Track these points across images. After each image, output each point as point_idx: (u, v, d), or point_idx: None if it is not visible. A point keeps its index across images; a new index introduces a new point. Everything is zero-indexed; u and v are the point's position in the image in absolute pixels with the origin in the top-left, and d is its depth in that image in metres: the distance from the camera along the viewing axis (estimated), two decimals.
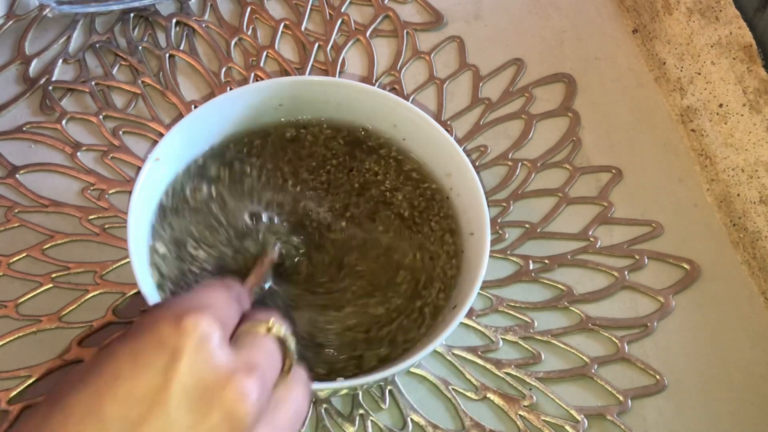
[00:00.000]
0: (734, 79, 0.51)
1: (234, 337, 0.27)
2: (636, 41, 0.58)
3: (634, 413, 0.43)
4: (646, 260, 0.48)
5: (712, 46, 0.52)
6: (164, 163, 0.40)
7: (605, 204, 0.50)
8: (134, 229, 0.37)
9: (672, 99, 0.55)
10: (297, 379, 0.29)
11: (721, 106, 0.51)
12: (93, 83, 0.52)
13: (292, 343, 0.28)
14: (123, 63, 0.54)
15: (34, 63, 0.53)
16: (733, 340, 0.46)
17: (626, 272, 0.47)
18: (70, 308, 0.44)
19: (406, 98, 0.53)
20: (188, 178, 0.41)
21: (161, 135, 0.50)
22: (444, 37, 0.57)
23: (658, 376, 0.44)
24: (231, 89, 0.52)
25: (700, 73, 0.53)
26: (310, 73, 0.54)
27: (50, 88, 0.51)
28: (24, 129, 0.50)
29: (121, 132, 0.50)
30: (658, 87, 0.56)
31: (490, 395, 0.43)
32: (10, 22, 0.55)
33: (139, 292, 0.40)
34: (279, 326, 0.28)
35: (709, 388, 0.44)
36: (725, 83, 0.51)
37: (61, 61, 0.53)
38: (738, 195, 0.49)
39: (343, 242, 0.41)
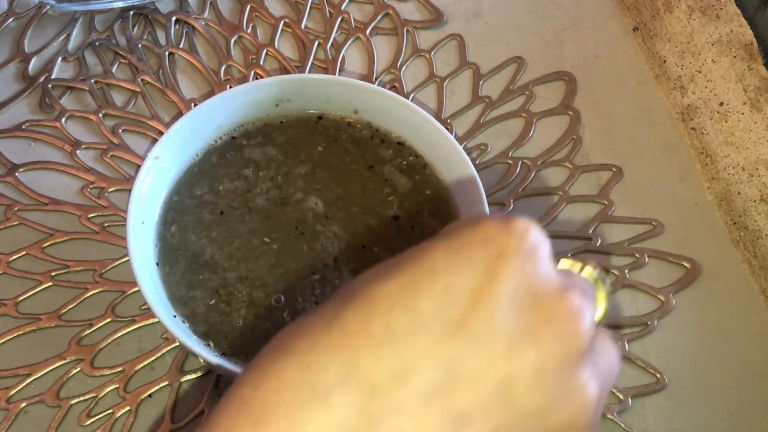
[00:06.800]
0: (735, 77, 0.51)
1: None
2: (636, 39, 0.58)
3: (635, 412, 0.43)
4: (647, 258, 0.48)
5: (712, 44, 0.52)
6: (164, 161, 0.40)
7: (605, 202, 0.50)
8: (134, 227, 0.37)
9: (672, 97, 0.55)
10: (608, 333, 0.25)
11: (721, 104, 0.51)
12: (92, 81, 0.52)
13: (607, 287, 0.25)
14: (122, 61, 0.53)
15: (33, 61, 0.53)
16: (733, 338, 0.46)
17: (626, 270, 0.47)
18: (70, 306, 0.44)
19: (406, 96, 0.53)
20: (189, 176, 0.42)
21: (161, 133, 0.50)
22: (444, 36, 0.57)
23: (658, 375, 0.44)
24: (231, 87, 0.52)
25: (700, 72, 0.53)
26: (310, 71, 0.54)
27: (50, 86, 0.51)
28: (23, 127, 0.50)
29: (120, 130, 0.50)
30: (658, 85, 0.56)
31: None
32: (10, 20, 0.55)
33: (138, 291, 0.40)
34: (594, 269, 0.25)
35: (709, 387, 0.44)
36: (726, 81, 0.51)
37: (60, 59, 0.53)
38: (738, 193, 0.49)
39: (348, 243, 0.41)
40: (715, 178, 0.51)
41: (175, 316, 0.37)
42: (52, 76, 0.52)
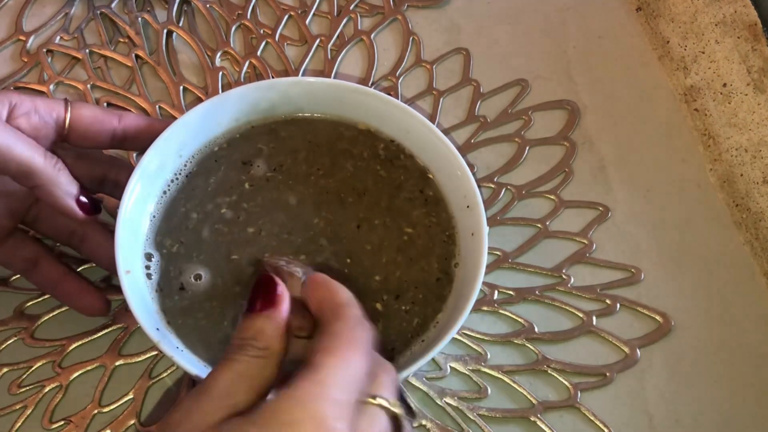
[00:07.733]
0: (738, 58, 0.50)
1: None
2: (640, 19, 0.57)
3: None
4: (618, 307, 0.45)
5: (716, 25, 0.51)
6: (153, 173, 0.39)
7: (585, 242, 0.48)
8: (123, 277, 0.36)
9: (675, 78, 0.54)
10: None
11: (724, 85, 0.50)
12: (87, 51, 0.52)
13: (406, 426, 0.29)
14: (121, 39, 0.53)
15: (32, 39, 0.53)
16: (734, 320, 0.45)
17: (594, 316, 0.45)
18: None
19: None
20: (178, 188, 0.41)
21: (144, 111, 0.49)
22: (450, 48, 0.55)
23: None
24: (222, 75, 0.51)
25: (704, 52, 0.52)
26: (306, 69, 0.53)
27: (44, 50, 0.51)
28: (12, 88, 0.50)
29: (105, 103, 0.50)
30: (661, 66, 0.55)
31: (425, 422, 0.41)
32: None
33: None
34: (397, 405, 0.28)
35: (710, 368, 0.44)
36: (729, 62, 0.50)
37: (59, 38, 0.53)
38: (741, 175, 0.49)
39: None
40: (717, 160, 0.50)
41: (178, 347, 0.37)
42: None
